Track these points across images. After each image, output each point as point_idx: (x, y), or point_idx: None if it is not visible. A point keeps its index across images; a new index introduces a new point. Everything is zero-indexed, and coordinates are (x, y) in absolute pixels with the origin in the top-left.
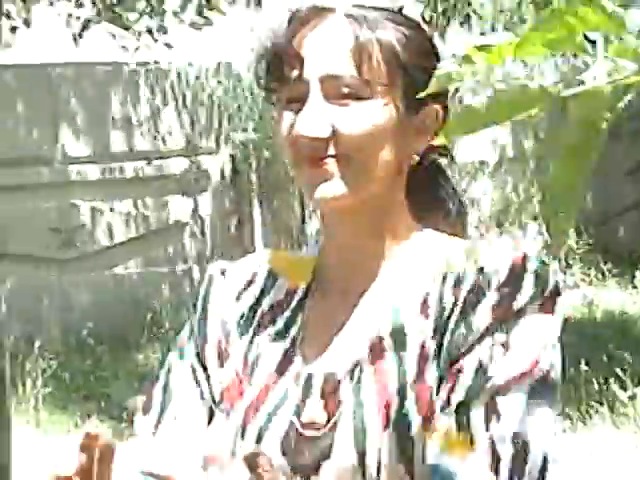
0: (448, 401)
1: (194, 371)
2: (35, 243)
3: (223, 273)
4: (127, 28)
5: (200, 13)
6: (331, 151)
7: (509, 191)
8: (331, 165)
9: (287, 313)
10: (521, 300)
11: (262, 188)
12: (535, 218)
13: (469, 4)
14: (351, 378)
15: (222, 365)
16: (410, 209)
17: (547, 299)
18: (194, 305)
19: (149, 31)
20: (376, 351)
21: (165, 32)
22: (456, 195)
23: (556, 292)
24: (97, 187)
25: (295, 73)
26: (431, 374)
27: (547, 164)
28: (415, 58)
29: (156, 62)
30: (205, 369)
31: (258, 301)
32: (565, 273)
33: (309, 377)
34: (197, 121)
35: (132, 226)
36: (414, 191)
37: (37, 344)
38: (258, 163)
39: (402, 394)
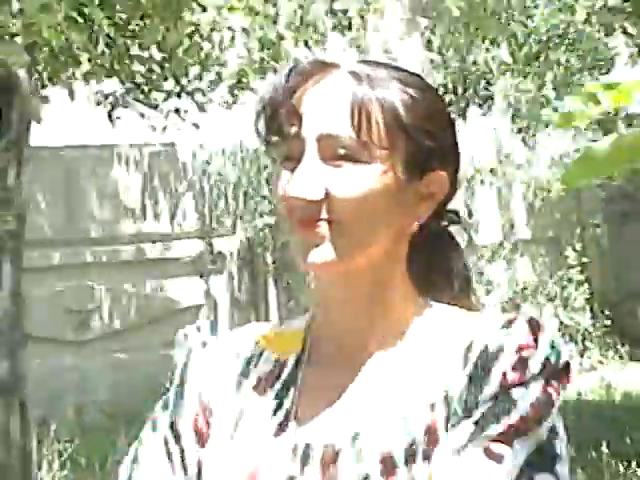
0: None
1: (166, 443)
2: (52, 325)
3: (204, 345)
4: (155, 107)
5: (232, 92)
6: (323, 214)
7: (525, 272)
8: (323, 229)
9: (278, 386)
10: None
11: (277, 270)
12: (551, 299)
13: (487, 87)
14: (352, 447)
15: (199, 441)
16: (413, 280)
17: (552, 379)
18: (172, 377)
19: (176, 110)
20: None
21: (203, 109)
22: (464, 264)
23: (563, 375)
24: (113, 269)
25: (293, 130)
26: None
27: (563, 246)
28: (420, 121)
29: (172, 144)
30: (179, 441)
31: (244, 374)
32: (582, 355)
33: (307, 447)
34: (213, 203)
35: (147, 308)
36: (418, 261)
37: (53, 427)
38: (274, 245)
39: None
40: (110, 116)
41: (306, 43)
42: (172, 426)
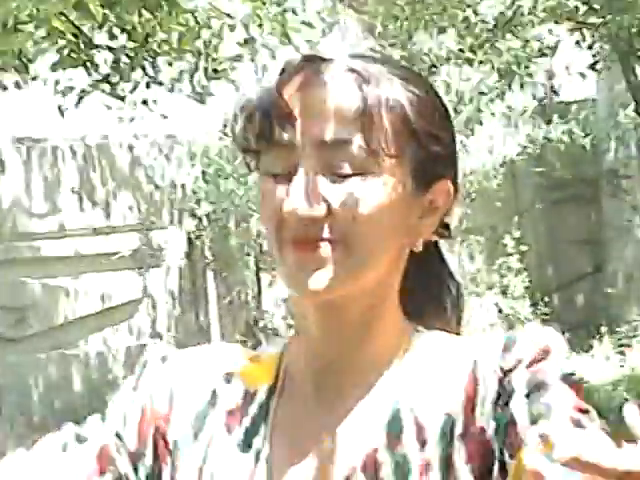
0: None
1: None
2: None
3: (164, 360)
4: (122, 98)
5: (199, 85)
6: (325, 234)
7: (464, 261)
8: (325, 250)
9: (247, 421)
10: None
11: (217, 263)
12: (490, 288)
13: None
14: None
15: (145, 448)
16: (402, 302)
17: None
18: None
19: (144, 102)
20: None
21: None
22: (456, 283)
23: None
24: (49, 264)
25: (285, 136)
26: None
27: (500, 234)
28: (428, 124)
29: (106, 137)
30: (119, 450)
31: (211, 404)
32: None
33: None
34: (150, 197)
35: (86, 303)
36: (407, 283)
37: None
38: (213, 238)
39: None
40: (60, 108)
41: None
42: (115, 433)
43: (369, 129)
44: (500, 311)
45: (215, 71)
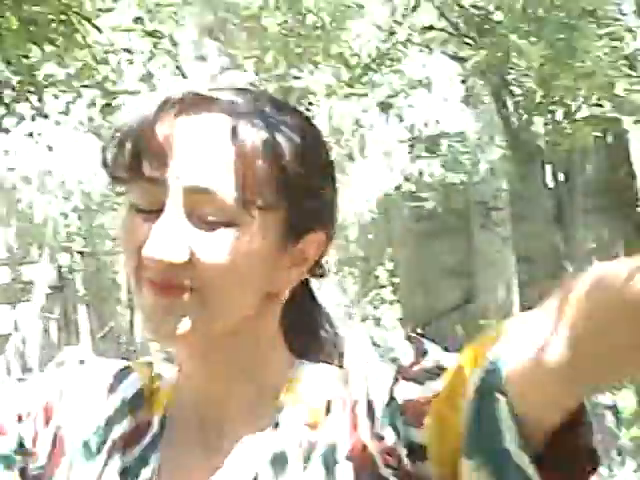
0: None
1: None
2: None
3: (81, 363)
4: (6, 132)
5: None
6: (185, 280)
7: (337, 293)
8: (184, 298)
9: (138, 449)
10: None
11: (89, 297)
12: (364, 320)
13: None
14: None
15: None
16: (286, 339)
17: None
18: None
19: (30, 134)
20: None
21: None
22: (328, 319)
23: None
24: None
25: (155, 174)
26: None
27: (373, 266)
28: (306, 177)
29: None
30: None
31: (114, 420)
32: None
33: None
34: (21, 231)
35: None
36: (287, 320)
37: None
38: (85, 272)
39: None
40: None
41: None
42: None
43: (241, 179)
44: (374, 343)
45: (108, 105)
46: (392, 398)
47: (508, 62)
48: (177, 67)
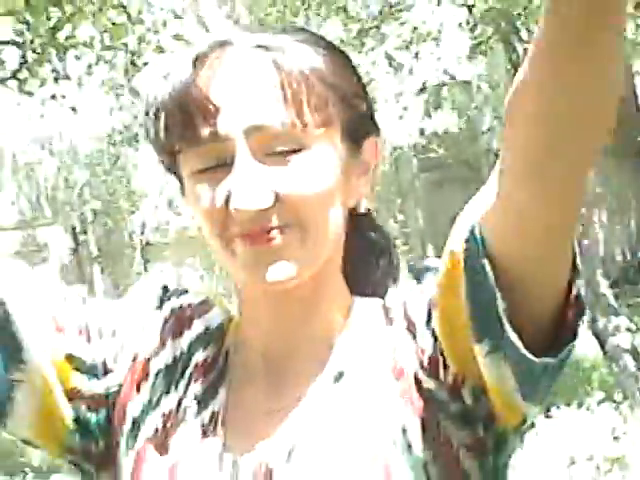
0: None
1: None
2: None
3: (165, 290)
4: (31, 94)
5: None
6: (274, 222)
7: None
8: (278, 240)
9: (207, 382)
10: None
11: (103, 258)
12: None
13: None
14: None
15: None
16: (343, 272)
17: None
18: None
19: (53, 97)
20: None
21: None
22: (390, 245)
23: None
24: None
25: (208, 130)
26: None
27: (384, 218)
28: (347, 82)
29: None
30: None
31: (196, 346)
32: None
33: (236, 462)
34: (31, 194)
35: None
36: (346, 249)
37: None
38: (98, 233)
39: None
40: None
41: None
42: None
43: (294, 102)
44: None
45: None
46: (429, 316)
47: (517, 6)
48: (200, 22)
